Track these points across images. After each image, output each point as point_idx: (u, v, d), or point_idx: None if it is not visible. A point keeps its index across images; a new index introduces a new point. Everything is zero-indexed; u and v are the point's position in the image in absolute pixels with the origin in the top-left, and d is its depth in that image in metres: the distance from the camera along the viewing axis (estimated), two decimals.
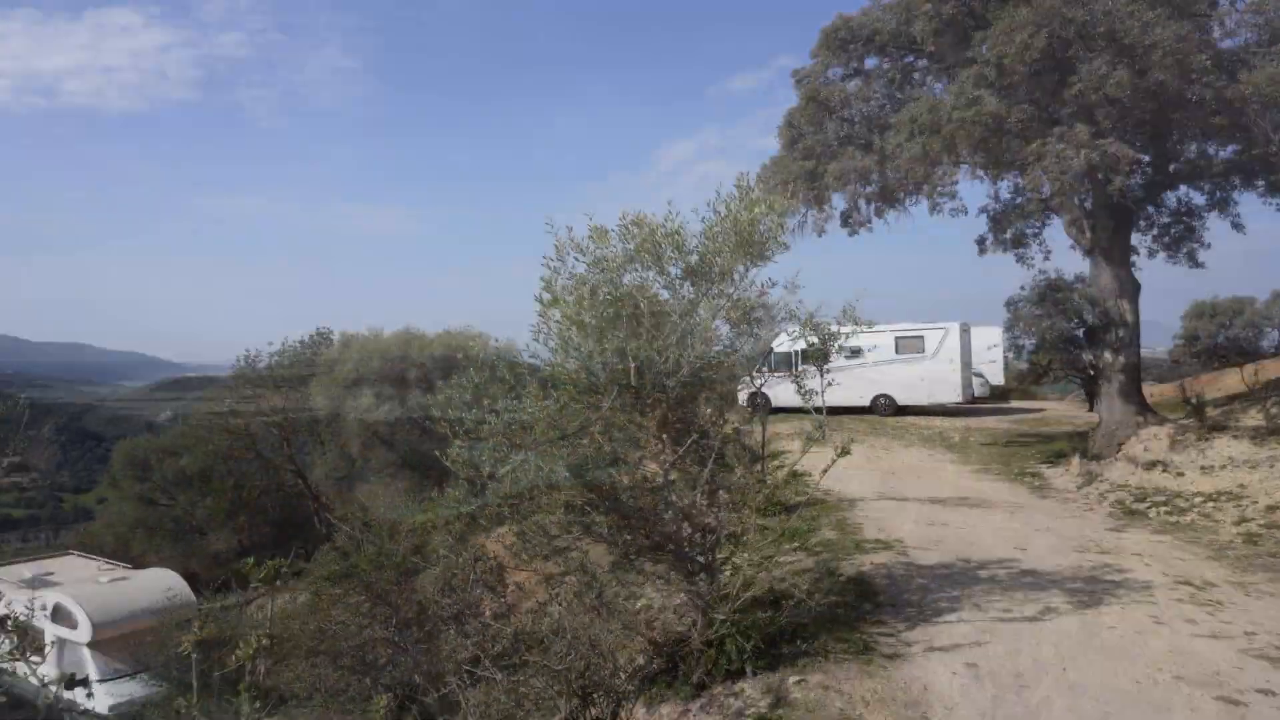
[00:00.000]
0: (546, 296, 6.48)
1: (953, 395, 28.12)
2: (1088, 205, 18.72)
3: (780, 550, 10.76)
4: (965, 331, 28.75)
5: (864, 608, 8.32)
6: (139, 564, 27.05)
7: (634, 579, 6.80)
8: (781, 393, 31.55)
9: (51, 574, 22.13)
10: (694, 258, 6.48)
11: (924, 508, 14.20)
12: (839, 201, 19.89)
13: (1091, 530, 12.52)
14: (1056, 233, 21.66)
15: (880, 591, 8.87)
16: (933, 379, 28.18)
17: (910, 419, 27.64)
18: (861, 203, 19.20)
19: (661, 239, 6.46)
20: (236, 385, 35.06)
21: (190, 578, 25.43)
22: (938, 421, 26.85)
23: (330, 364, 34.81)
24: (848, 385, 28.95)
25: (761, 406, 21.24)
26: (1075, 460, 18.38)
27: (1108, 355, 19.00)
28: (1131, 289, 19.08)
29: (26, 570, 22.50)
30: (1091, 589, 9.04)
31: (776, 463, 21.86)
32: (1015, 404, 34.36)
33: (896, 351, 28.80)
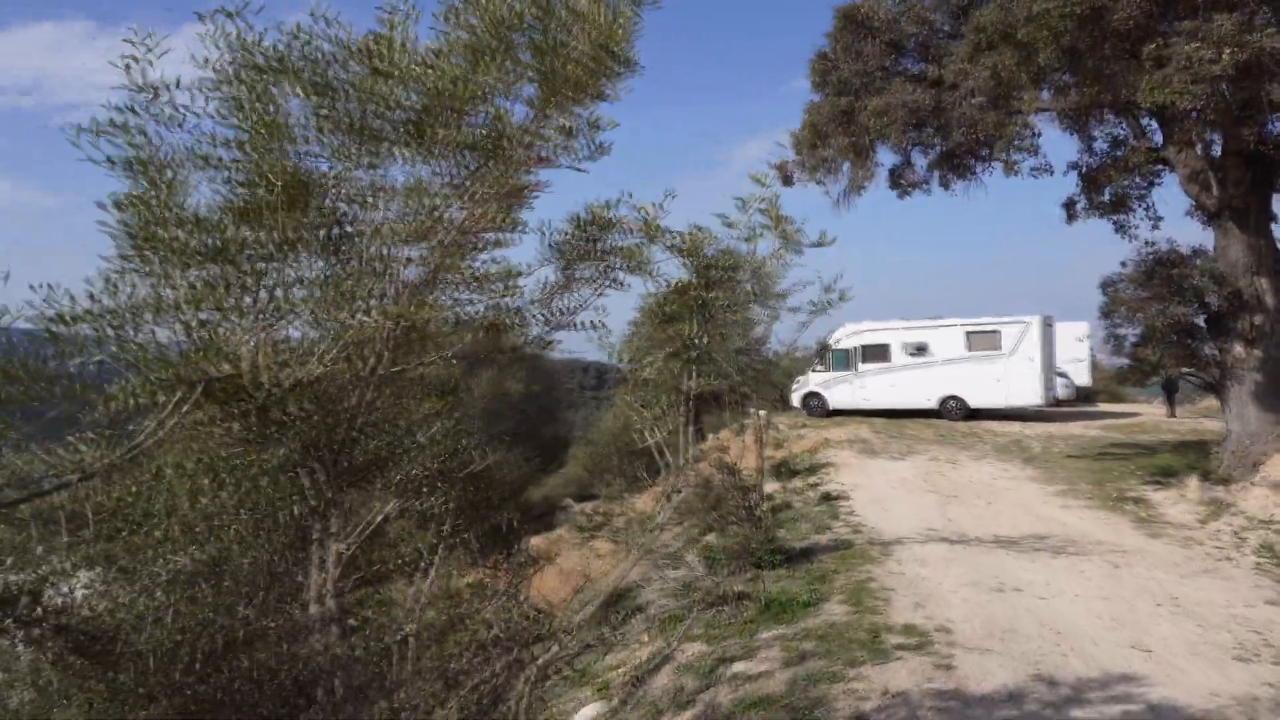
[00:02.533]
0: (120, 191, 2.84)
1: (1033, 398, 24.73)
2: (1214, 153, 14.42)
3: (752, 639, 6.97)
4: (1048, 325, 25.54)
5: None
6: None
7: None
8: (839, 393, 28.37)
9: None
10: (415, 98, 2.81)
11: (988, 557, 10.19)
12: (886, 157, 15.89)
13: (1244, 603, 8.38)
14: (1169, 193, 17.32)
15: None
16: (1010, 379, 24.94)
17: (984, 424, 24.45)
18: (916, 155, 15.14)
19: (354, 52, 2.80)
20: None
21: None
22: (1015, 428, 23.47)
23: None
24: (912, 386, 26.78)
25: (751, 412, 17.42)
26: (1194, 482, 14.46)
27: (1238, 348, 14.79)
28: (1271, 263, 14.78)
29: None
30: None
31: (814, 479, 18.22)
32: (1104, 407, 30.54)
33: (968, 348, 25.80)
